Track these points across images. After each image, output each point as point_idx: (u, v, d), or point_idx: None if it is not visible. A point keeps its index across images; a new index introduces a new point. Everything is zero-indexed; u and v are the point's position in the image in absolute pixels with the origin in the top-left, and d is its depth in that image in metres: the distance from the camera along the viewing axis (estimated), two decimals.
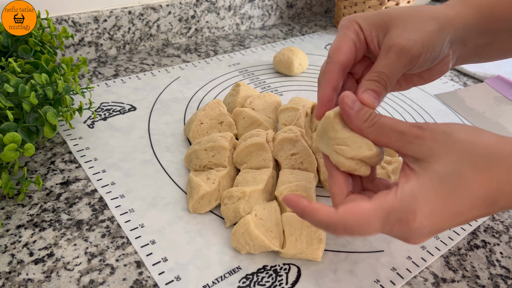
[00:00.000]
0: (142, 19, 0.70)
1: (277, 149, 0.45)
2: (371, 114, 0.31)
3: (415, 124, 0.30)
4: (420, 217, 0.28)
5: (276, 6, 0.88)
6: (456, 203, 0.28)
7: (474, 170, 0.28)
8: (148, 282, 0.35)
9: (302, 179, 0.41)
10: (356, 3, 0.82)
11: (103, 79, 0.63)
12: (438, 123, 0.30)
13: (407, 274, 0.37)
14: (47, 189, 0.43)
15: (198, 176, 0.42)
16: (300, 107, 0.50)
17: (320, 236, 0.36)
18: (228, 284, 0.35)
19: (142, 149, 0.49)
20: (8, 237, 0.38)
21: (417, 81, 0.41)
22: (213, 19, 0.79)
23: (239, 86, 0.55)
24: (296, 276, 0.36)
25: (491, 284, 0.38)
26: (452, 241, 0.41)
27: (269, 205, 0.39)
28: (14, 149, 0.37)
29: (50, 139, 0.50)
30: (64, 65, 0.49)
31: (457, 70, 0.77)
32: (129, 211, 0.41)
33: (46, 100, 0.44)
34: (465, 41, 0.38)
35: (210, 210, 0.42)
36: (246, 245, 0.36)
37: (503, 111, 0.64)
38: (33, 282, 0.34)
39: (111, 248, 0.37)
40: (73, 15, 0.63)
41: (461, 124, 0.30)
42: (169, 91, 0.61)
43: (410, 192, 0.28)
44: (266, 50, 0.77)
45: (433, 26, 0.35)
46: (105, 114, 0.55)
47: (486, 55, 0.42)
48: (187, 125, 0.51)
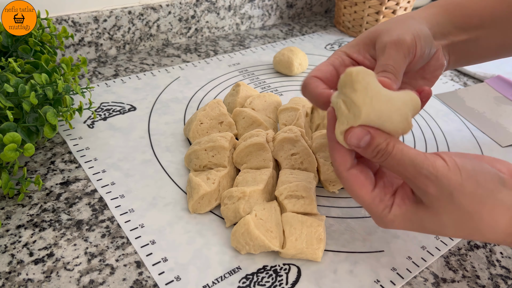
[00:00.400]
0: (142, 19, 0.70)
1: (277, 149, 0.45)
2: (379, 152, 0.30)
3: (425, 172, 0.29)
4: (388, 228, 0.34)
5: (276, 6, 0.88)
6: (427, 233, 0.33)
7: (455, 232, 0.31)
8: (148, 282, 0.35)
9: (302, 179, 0.41)
10: (356, 3, 0.82)
11: (103, 79, 0.63)
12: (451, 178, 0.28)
13: (407, 274, 0.37)
14: (47, 189, 0.43)
15: (198, 176, 0.42)
16: (300, 107, 0.50)
17: (320, 236, 0.36)
18: (228, 284, 0.35)
19: (142, 148, 0.49)
20: (8, 237, 0.38)
21: (423, 84, 0.42)
22: (213, 19, 0.79)
23: (239, 86, 0.55)
24: (296, 276, 0.36)
25: (491, 284, 0.38)
26: (452, 241, 0.41)
27: (269, 205, 0.39)
28: (14, 149, 0.37)
29: (50, 140, 0.50)
30: (64, 65, 0.49)
31: (457, 70, 0.77)
32: (129, 211, 0.41)
33: (46, 100, 0.44)
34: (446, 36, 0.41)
35: (210, 210, 0.42)
36: (246, 245, 0.36)
37: (503, 111, 0.64)
38: (33, 282, 0.34)
39: (111, 248, 0.37)
40: (73, 15, 0.63)
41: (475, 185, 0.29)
42: (169, 91, 0.61)
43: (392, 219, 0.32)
44: (266, 50, 0.77)
45: (414, 23, 0.38)
46: (105, 114, 0.55)
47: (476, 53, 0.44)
48: (187, 125, 0.51)
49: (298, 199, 0.39)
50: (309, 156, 0.44)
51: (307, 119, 0.52)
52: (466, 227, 0.30)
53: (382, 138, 0.30)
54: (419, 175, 0.29)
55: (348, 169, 0.33)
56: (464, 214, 0.29)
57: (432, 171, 0.28)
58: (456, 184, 0.29)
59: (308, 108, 0.53)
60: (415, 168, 0.29)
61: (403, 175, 0.30)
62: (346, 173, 0.33)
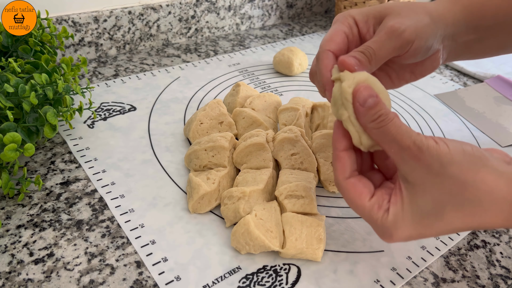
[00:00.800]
0: (142, 19, 0.70)
1: (277, 149, 0.45)
2: (381, 116, 0.30)
3: (418, 142, 0.29)
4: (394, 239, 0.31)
5: (276, 6, 0.88)
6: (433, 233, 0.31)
7: (457, 213, 0.29)
8: (148, 282, 0.35)
9: (302, 179, 0.41)
10: (356, 3, 0.82)
11: (103, 79, 0.63)
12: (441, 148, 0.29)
13: (407, 274, 0.37)
14: (47, 189, 0.43)
15: (198, 176, 0.42)
16: (300, 107, 0.50)
17: (320, 236, 0.36)
18: (228, 284, 0.35)
19: (142, 149, 0.49)
20: (8, 237, 0.38)
21: (409, 78, 0.42)
22: (213, 19, 0.79)
23: (239, 86, 0.55)
24: (296, 276, 0.36)
25: (491, 284, 0.38)
26: (452, 241, 0.41)
27: (269, 205, 0.39)
28: (14, 149, 0.37)
29: (50, 140, 0.50)
30: (64, 65, 0.49)
31: (457, 70, 0.77)
32: (129, 211, 0.41)
33: (46, 100, 0.44)
34: (455, 36, 0.40)
35: (210, 210, 0.42)
36: (246, 245, 0.36)
37: (503, 111, 0.64)
38: (33, 282, 0.34)
39: (111, 248, 0.37)
40: (73, 15, 0.63)
41: (462, 153, 0.29)
42: (169, 91, 0.61)
43: (393, 220, 0.31)
44: (266, 50, 0.77)
45: (425, 18, 0.37)
46: (105, 114, 0.55)
47: (477, 51, 0.44)
48: (187, 125, 0.51)
49: (298, 199, 0.39)
50: (309, 156, 0.44)
51: (307, 119, 0.52)
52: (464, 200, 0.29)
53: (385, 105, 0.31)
54: (413, 144, 0.29)
55: (346, 178, 0.32)
56: (457, 184, 0.28)
57: (424, 142, 0.29)
58: (444, 153, 0.28)
59: (308, 108, 0.53)
60: (410, 138, 0.29)
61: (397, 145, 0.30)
62: (344, 181, 0.32)
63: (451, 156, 0.29)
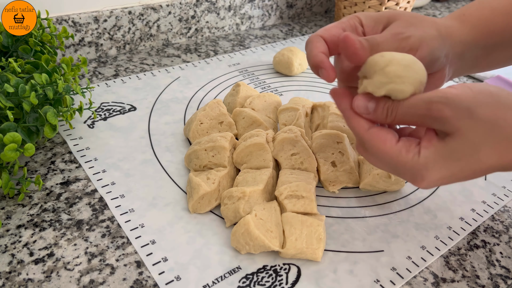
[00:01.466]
0: (142, 19, 0.70)
1: (277, 149, 0.45)
2: (388, 109, 0.31)
3: (435, 99, 0.29)
4: (426, 182, 0.31)
5: (276, 6, 0.88)
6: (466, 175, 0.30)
7: (493, 151, 0.29)
8: (148, 282, 0.35)
9: (302, 179, 0.41)
10: (356, 3, 0.82)
11: (103, 79, 0.63)
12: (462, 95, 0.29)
13: (407, 274, 0.37)
14: (47, 189, 0.43)
15: (198, 176, 0.42)
16: (300, 107, 0.50)
17: (320, 236, 0.37)
18: (228, 284, 0.35)
19: (142, 149, 0.49)
20: (8, 237, 0.38)
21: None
22: (213, 19, 0.79)
23: (239, 86, 0.55)
24: (296, 276, 0.36)
25: (491, 284, 0.38)
26: (452, 241, 0.41)
27: (269, 205, 0.39)
28: (14, 149, 0.37)
29: (50, 139, 0.50)
30: (64, 65, 0.49)
31: None
32: (129, 211, 0.41)
33: (46, 100, 0.44)
34: (463, 55, 0.39)
35: (210, 210, 0.42)
36: (246, 245, 0.36)
37: None
38: (33, 282, 0.34)
39: (111, 248, 0.37)
40: (73, 15, 0.63)
41: (487, 95, 0.29)
42: (169, 91, 0.61)
43: (424, 162, 0.30)
44: (266, 50, 0.77)
45: (433, 31, 0.36)
46: (105, 114, 0.55)
47: (484, 66, 0.43)
48: (187, 125, 0.51)
49: (298, 198, 0.39)
50: (309, 156, 0.44)
51: (307, 119, 0.52)
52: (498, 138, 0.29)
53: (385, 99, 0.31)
54: (431, 105, 0.29)
55: (367, 130, 0.32)
56: (490, 124, 0.29)
57: (442, 95, 0.29)
58: (468, 97, 0.29)
59: (308, 108, 0.53)
60: (425, 103, 0.29)
61: (418, 116, 0.30)
62: (366, 133, 0.32)
63: (476, 99, 0.29)
